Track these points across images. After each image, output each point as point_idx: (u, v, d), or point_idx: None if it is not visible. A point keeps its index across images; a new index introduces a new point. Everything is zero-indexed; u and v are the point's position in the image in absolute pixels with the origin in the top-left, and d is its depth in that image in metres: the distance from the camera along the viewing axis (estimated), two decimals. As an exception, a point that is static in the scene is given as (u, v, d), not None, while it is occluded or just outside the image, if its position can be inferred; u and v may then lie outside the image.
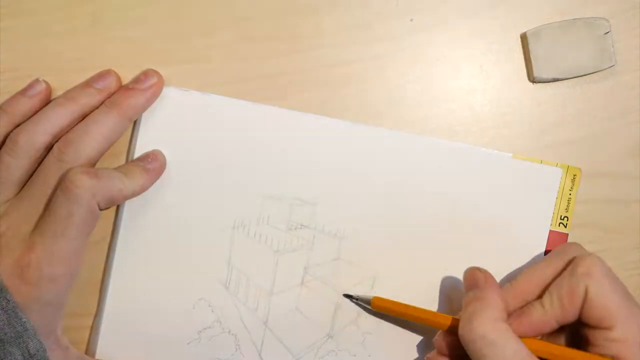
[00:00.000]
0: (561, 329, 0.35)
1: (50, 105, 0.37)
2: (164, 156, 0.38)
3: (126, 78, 0.39)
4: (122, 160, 0.39)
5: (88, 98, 0.37)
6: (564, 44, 0.39)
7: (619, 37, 0.40)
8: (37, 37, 0.39)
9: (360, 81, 0.40)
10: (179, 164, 0.39)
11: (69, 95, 0.38)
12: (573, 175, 0.39)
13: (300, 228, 0.39)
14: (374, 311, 0.39)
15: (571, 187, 0.39)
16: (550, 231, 0.39)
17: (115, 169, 0.37)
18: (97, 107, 0.37)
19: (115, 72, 0.38)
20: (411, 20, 0.40)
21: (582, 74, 0.39)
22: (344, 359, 0.39)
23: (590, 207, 0.40)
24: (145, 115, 0.38)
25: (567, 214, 0.39)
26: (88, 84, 0.38)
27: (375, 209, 0.39)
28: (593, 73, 0.39)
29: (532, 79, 0.40)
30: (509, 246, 0.39)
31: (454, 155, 0.39)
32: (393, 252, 0.39)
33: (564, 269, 0.34)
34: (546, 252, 0.39)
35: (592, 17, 0.39)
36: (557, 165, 0.39)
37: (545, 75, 0.39)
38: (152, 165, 0.38)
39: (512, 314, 0.34)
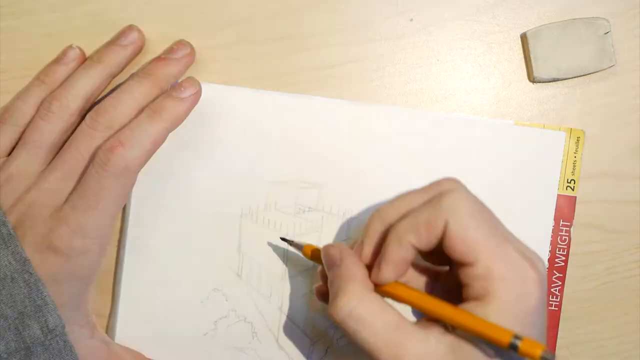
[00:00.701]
0: (447, 284, 0.33)
1: (78, 69, 0.37)
2: (198, 83, 0.37)
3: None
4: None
5: (114, 56, 0.37)
6: (564, 44, 0.39)
7: (619, 37, 0.40)
8: (37, 37, 0.39)
9: (360, 81, 0.40)
10: (182, 156, 0.39)
11: (95, 57, 0.37)
12: (577, 138, 0.39)
13: (308, 211, 0.39)
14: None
15: (575, 150, 0.39)
16: (558, 195, 0.39)
17: (145, 112, 0.36)
18: (124, 64, 0.38)
19: (137, 27, 0.38)
20: (411, 20, 0.40)
21: (582, 74, 0.39)
22: None
23: (590, 207, 0.40)
24: None
25: (573, 177, 0.39)
26: (113, 42, 0.38)
27: (380, 186, 0.39)
28: (593, 73, 0.39)
29: (532, 79, 0.40)
30: (518, 213, 0.39)
31: (455, 127, 0.39)
32: None
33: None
34: (555, 218, 0.39)
35: (592, 17, 0.39)
36: (559, 129, 0.39)
37: (545, 75, 0.39)
38: (185, 94, 0.36)
39: (374, 261, 0.33)
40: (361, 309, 0.31)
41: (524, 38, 0.40)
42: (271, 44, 0.40)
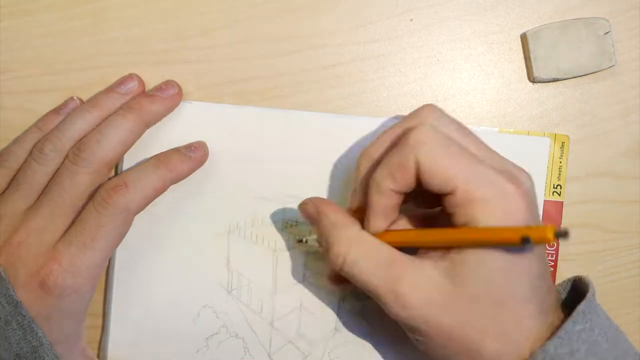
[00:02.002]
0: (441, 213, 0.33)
1: (74, 112, 0.37)
2: (207, 147, 0.38)
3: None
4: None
5: (111, 103, 0.37)
6: (564, 44, 0.39)
7: (619, 37, 0.40)
8: (37, 37, 0.39)
9: (360, 81, 0.40)
10: None
11: (92, 102, 0.37)
12: (561, 143, 0.39)
13: (296, 225, 0.39)
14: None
15: (561, 155, 0.39)
16: (545, 201, 0.39)
17: (151, 159, 0.37)
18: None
19: (137, 76, 0.38)
20: (411, 20, 0.40)
21: (582, 74, 0.39)
22: (353, 351, 0.39)
23: (590, 207, 0.40)
24: None
25: (559, 182, 0.39)
26: (111, 89, 0.38)
27: None
28: (593, 73, 0.39)
29: (532, 79, 0.40)
30: None
31: None
32: None
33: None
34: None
35: (592, 17, 0.39)
36: (544, 135, 0.39)
37: (545, 75, 0.39)
38: (194, 154, 0.37)
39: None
40: (352, 253, 0.31)
41: (524, 38, 0.40)
42: (271, 44, 0.40)
